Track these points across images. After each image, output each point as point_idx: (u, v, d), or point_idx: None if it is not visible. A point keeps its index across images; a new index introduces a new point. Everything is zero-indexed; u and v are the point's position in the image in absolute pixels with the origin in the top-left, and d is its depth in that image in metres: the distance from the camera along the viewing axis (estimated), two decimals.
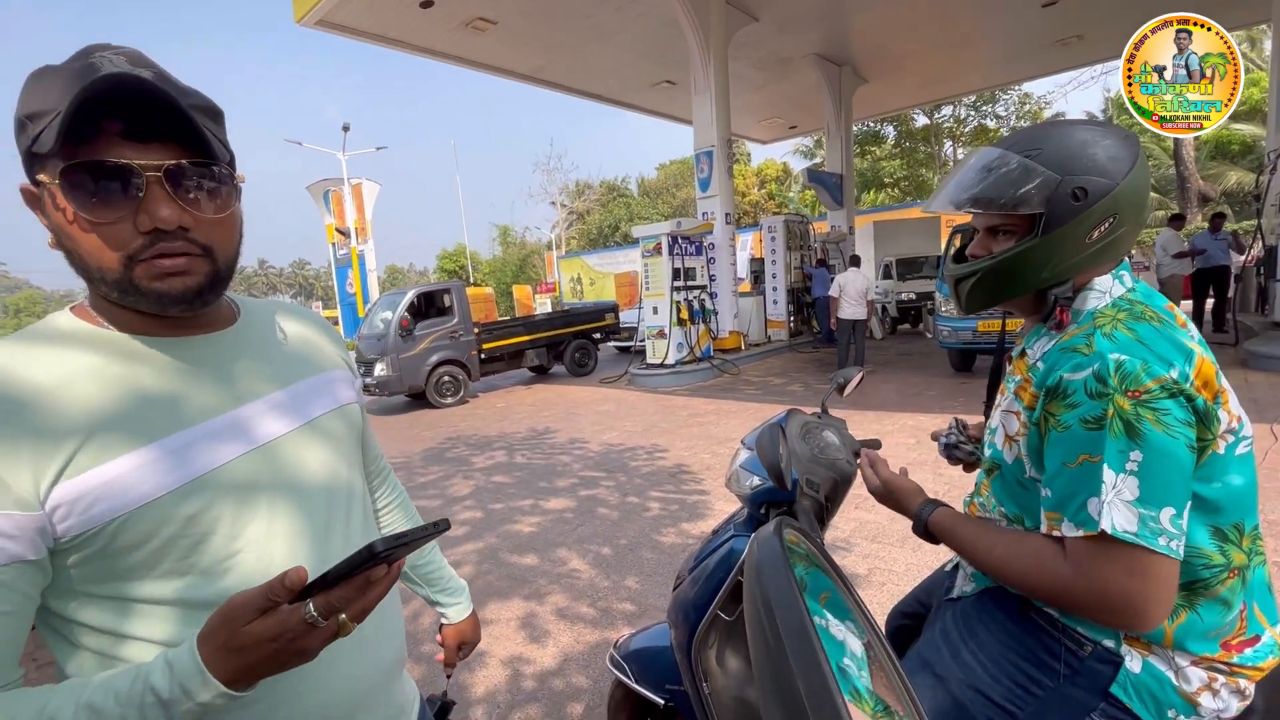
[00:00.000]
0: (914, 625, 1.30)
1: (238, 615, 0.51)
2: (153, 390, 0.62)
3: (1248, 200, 21.39)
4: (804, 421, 1.29)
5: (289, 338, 0.79)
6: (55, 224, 0.59)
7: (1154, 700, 0.87)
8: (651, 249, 10.07)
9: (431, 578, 1.06)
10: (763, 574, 0.54)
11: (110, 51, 0.60)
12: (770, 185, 35.77)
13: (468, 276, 35.27)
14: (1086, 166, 0.88)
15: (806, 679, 0.44)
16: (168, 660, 0.52)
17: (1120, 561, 0.79)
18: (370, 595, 0.53)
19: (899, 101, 18.75)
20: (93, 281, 0.61)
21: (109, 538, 0.57)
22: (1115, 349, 0.82)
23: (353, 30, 10.59)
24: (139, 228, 0.58)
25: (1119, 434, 0.79)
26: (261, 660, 0.51)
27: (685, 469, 5.09)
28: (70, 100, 0.53)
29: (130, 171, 0.57)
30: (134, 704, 0.51)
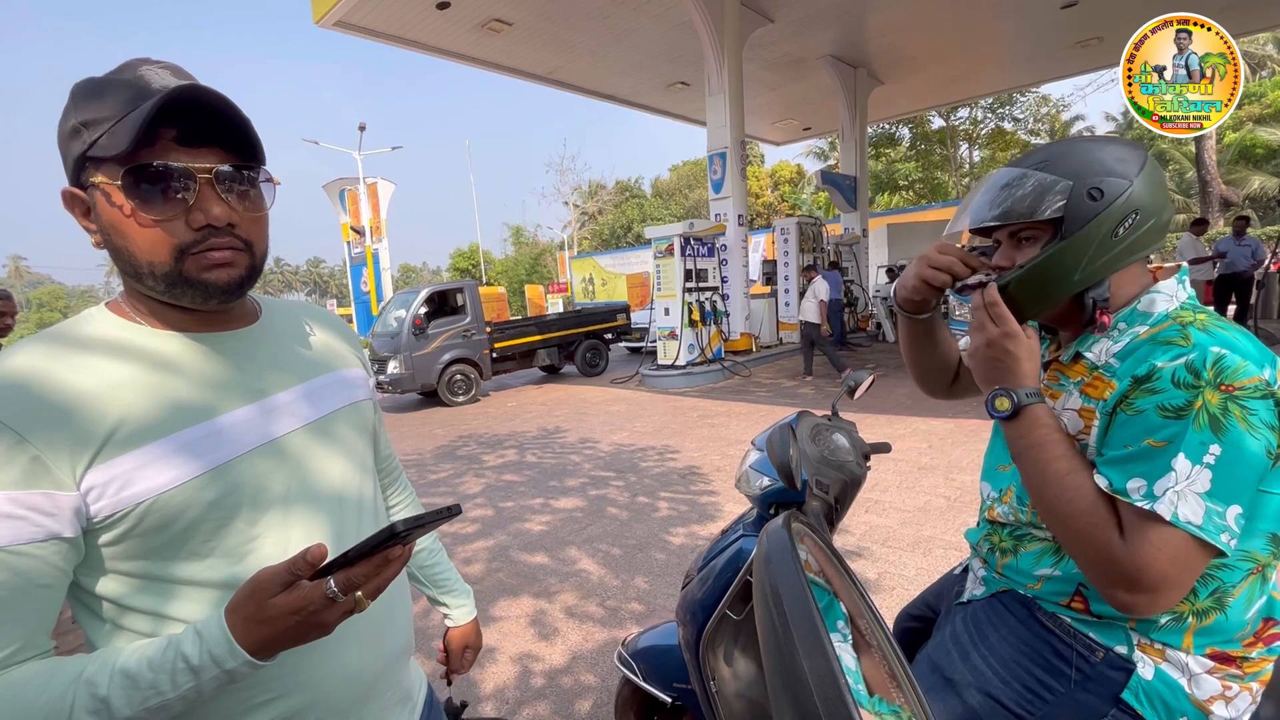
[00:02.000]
0: (922, 628, 1.29)
1: (264, 588, 0.55)
2: (180, 382, 0.67)
3: (1271, 205, 21.04)
4: (814, 424, 1.30)
5: (307, 336, 0.83)
6: (109, 222, 0.64)
7: (1166, 707, 0.87)
8: (664, 250, 10.08)
9: (439, 579, 1.08)
10: (771, 563, 0.55)
11: (155, 66, 0.66)
12: (784, 187, 35.64)
13: (480, 276, 35.48)
14: (1097, 170, 0.90)
15: (812, 662, 0.45)
16: (197, 630, 0.56)
17: (1170, 548, 0.78)
18: (385, 574, 0.57)
19: (914, 103, 18.61)
20: (140, 277, 0.65)
21: (137, 519, 0.61)
22: (1215, 343, 0.82)
23: (370, 31, 10.70)
24: (192, 224, 0.64)
25: (1203, 426, 0.78)
26: (284, 632, 0.55)
27: (695, 470, 5.09)
28: (146, 109, 0.60)
29: (187, 174, 0.63)
30: (166, 670, 0.55)
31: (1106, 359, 0.92)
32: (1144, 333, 0.90)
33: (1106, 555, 0.81)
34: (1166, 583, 0.78)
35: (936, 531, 3.48)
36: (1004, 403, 0.91)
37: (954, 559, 3.04)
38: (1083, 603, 0.94)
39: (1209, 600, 0.86)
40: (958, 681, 1.00)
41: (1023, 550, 1.02)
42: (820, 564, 0.85)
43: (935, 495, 4.06)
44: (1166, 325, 0.88)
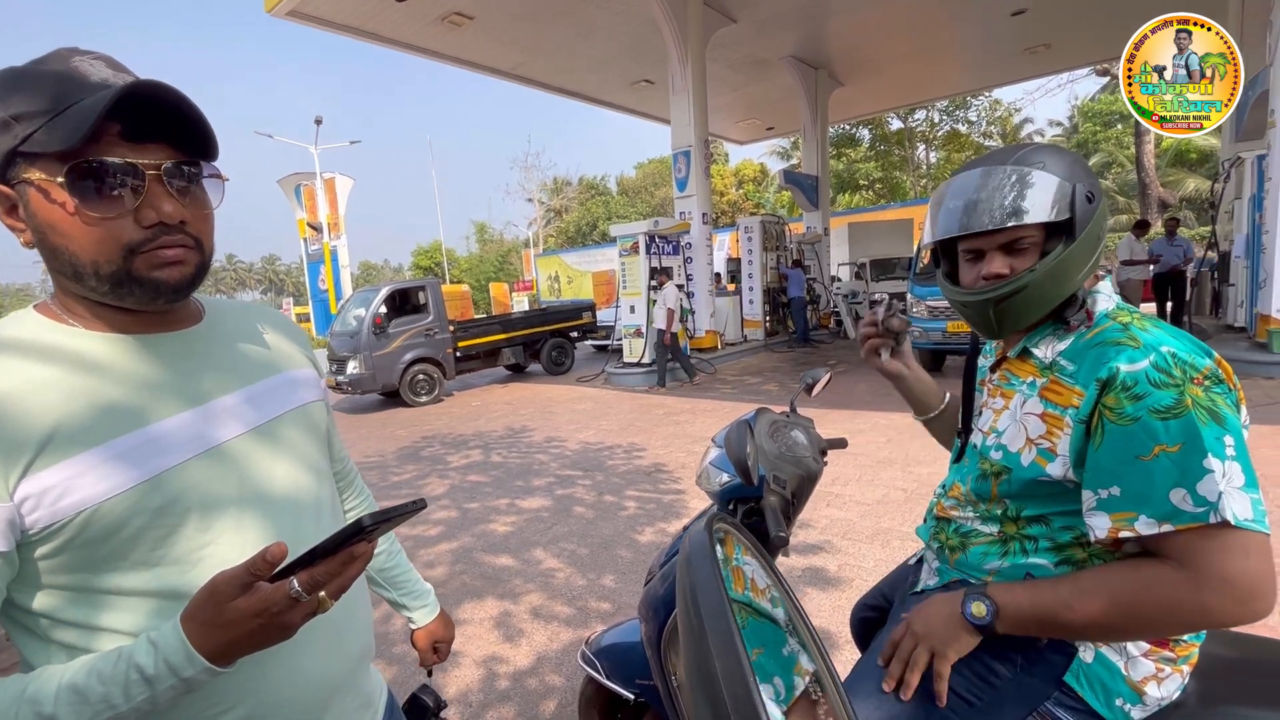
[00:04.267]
0: (878, 617, 1.33)
1: (222, 592, 0.53)
2: (118, 386, 0.64)
3: (1204, 206, 22.20)
4: (773, 420, 1.31)
5: (253, 337, 0.81)
6: (46, 221, 0.61)
7: (1104, 689, 0.91)
8: (629, 248, 10.08)
9: (397, 580, 1.06)
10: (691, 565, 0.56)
11: (88, 56, 0.63)
12: (748, 186, 36.03)
13: (443, 273, 34.88)
14: (1082, 175, 0.93)
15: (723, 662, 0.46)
16: (151, 639, 0.54)
17: (1235, 547, 0.78)
18: (349, 572, 0.55)
19: (874, 105, 19.03)
20: (81, 277, 0.62)
21: (77, 530, 0.58)
22: (1161, 341, 0.84)
23: (325, 22, 10.40)
24: (141, 222, 0.61)
25: (1208, 421, 0.79)
26: (245, 636, 0.53)
27: (662, 467, 5.11)
28: (99, 103, 0.57)
29: (135, 170, 0.61)
30: (118, 683, 0.53)
31: (1054, 357, 0.95)
32: (1089, 334, 0.93)
33: (1192, 597, 0.79)
34: (1258, 576, 0.77)
35: (894, 524, 3.57)
36: (979, 607, 0.91)
37: (910, 550, 3.12)
38: None
39: None
40: None
41: (970, 546, 1.05)
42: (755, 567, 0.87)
43: (894, 488, 4.17)
44: (1107, 325, 0.91)
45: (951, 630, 0.94)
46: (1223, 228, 9.86)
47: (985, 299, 0.96)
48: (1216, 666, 0.96)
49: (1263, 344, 6.73)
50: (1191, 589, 0.79)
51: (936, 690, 0.95)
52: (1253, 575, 0.77)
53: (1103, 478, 0.85)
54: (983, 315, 0.99)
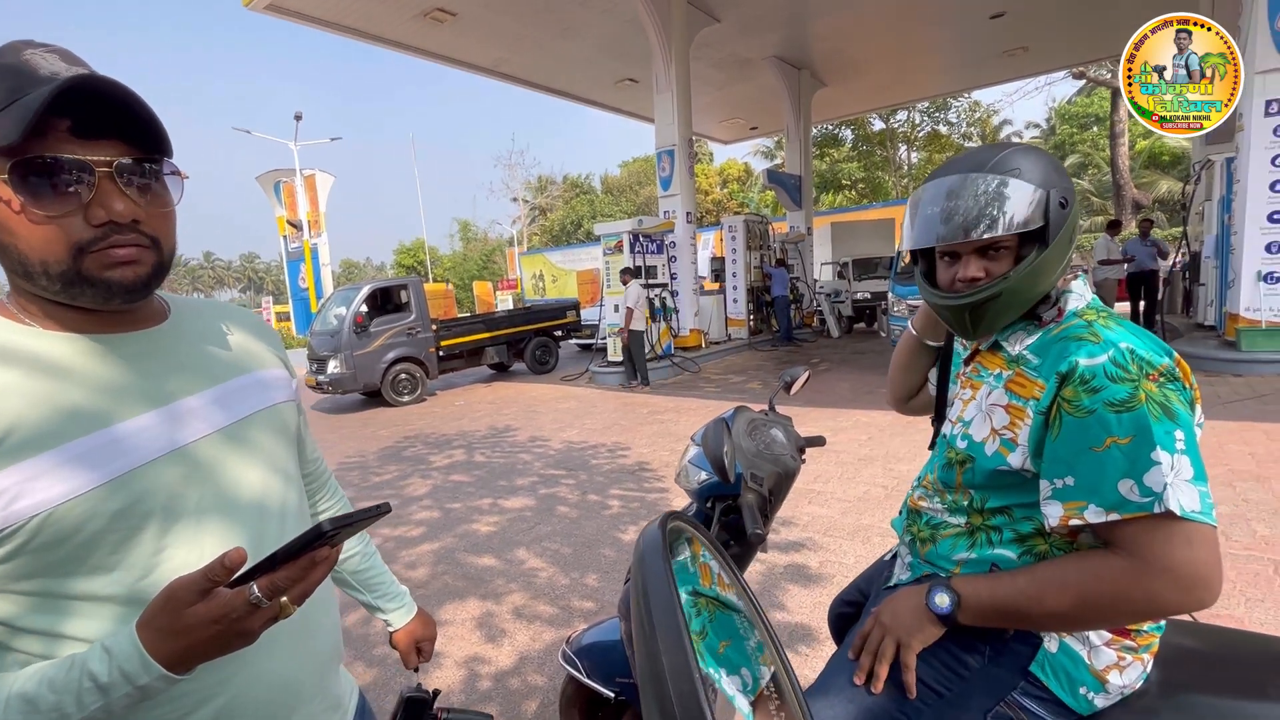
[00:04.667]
0: (855, 612, 1.35)
1: (179, 598, 0.51)
2: (76, 387, 0.62)
3: (1176, 207, 22.70)
4: (751, 418, 1.33)
5: (221, 336, 0.79)
6: None
7: (1068, 678, 0.93)
8: (613, 246, 10.08)
9: (371, 583, 1.04)
10: (644, 563, 0.57)
11: (41, 49, 0.61)
12: (732, 185, 36.17)
13: (426, 272, 34.59)
14: (1054, 180, 0.94)
15: (671, 659, 0.46)
16: (105, 646, 0.53)
17: (1178, 536, 0.80)
18: (312, 577, 0.54)
19: (856, 106, 19.20)
20: (31, 276, 0.61)
21: (31, 533, 0.57)
22: (1120, 338, 0.87)
23: (305, 16, 10.26)
24: (91, 220, 0.60)
25: (1160, 416, 0.81)
26: (203, 642, 0.52)
27: (646, 466, 5.12)
28: (38, 97, 0.56)
29: (84, 166, 0.59)
30: (70, 691, 0.51)
31: (1021, 350, 0.97)
32: (1056, 329, 0.95)
33: (1138, 584, 0.81)
34: (1203, 565, 0.80)
35: (875, 520, 3.61)
36: (942, 598, 0.95)
37: (890, 545, 3.16)
38: None
39: None
40: None
41: (940, 538, 1.07)
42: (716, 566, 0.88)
43: (874, 485, 4.22)
44: (1074, 322, 0.94)
45: (916, 621, 0.97)
46: (1193, 228, 10.09)
47: (961, 304, 0.98)
48: (1177, 655, 0.99)
49: (1231, 342, 6.90)
50: (1138, 577, 0.82)
51: (905, 681, 0.96)
52: (1197, 564, 0.80)
53: (1058, 468, 0.88)
54: (959, 318, 1.00)
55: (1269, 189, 6.49)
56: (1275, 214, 6.51)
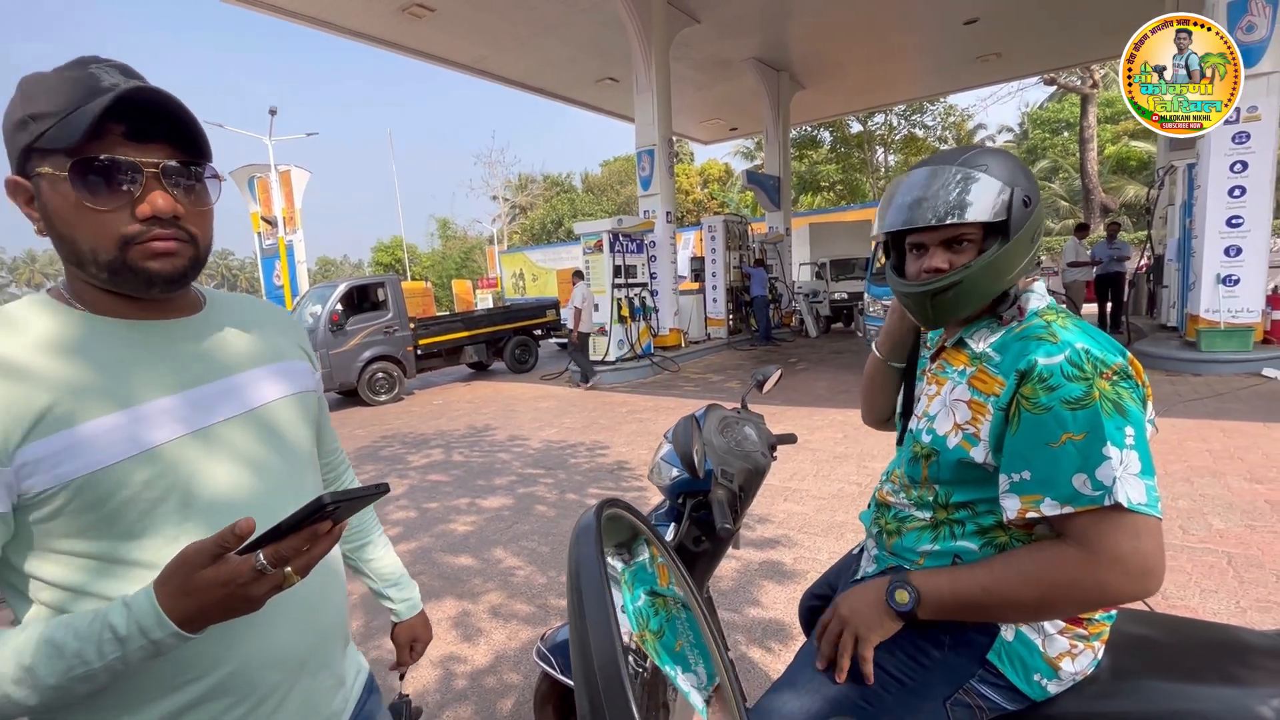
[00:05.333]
0: (823, 605, 1.37)
1: (192, 561, 0.56)
2: (117, 366, 0.68)
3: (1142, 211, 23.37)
4: (723, 416, 1.35)
5: (249, 327, 0.84)
6: (53, 210, 0.66)
7: (1023, 665, 0.96)
8: (593, 246, 10.07)
9: (383, 572, 1.09)
10: (577, 545, 0.58)
11: (105, 65, 0.69)
12: (713, 185, 36.33)
13: (404, 269, 34.19)
14: (1019, 179, 0.99)
15: (597, 641, 0.48)
16: (125, 602, 0.58)
17: (1125, 527, 0.84)
18: (314, 550, 0.58)
19: (834, 108, 19.43)
20: (83, 264, 0.68)
21: (69, 496, 0.62)
22: (1076, 339, 0.90)
23: (281, 10, 10.08)
24: (137, 215, 0.66)
25: (1111, 412, 0.85)
26: (212, 604, 0.56)
27: (625, 465, 5.13)
28: (98, 104, 0.63)
29: (134, 167, 0.66)
30: (92, 640, 0.56)
31: (985, 348, 1.01)
32: (1017, 329, 0.99)
33: (1088, 573, 0.85)
34: (1148, 555, 0.84)
35: (849, 517, 3.67)
36: (903, 595, 0.97)
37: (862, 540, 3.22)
38: None
39: None
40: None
41: (906, 530, 1.10)
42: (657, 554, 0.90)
43: (848, 483, 4.28)
44: (1034, 322, 0.98)
45: (875, 616, 0.99)
46: (1158, 232, 10.40)
47: (923, 291, 1.02)
48: (1128, 643, 1.03)
49: (1192, 342, 7.14)
50: (1088, 567, 0.85)
51: (863, 672, 0.98)
52: (1143, 554, 0.84)
53: (1016, 462, 0.91)
54: (921, 306, 1.04)
55: (1228, 195, 6.72)
56: (1234, 219, 6.75)
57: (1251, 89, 6.36)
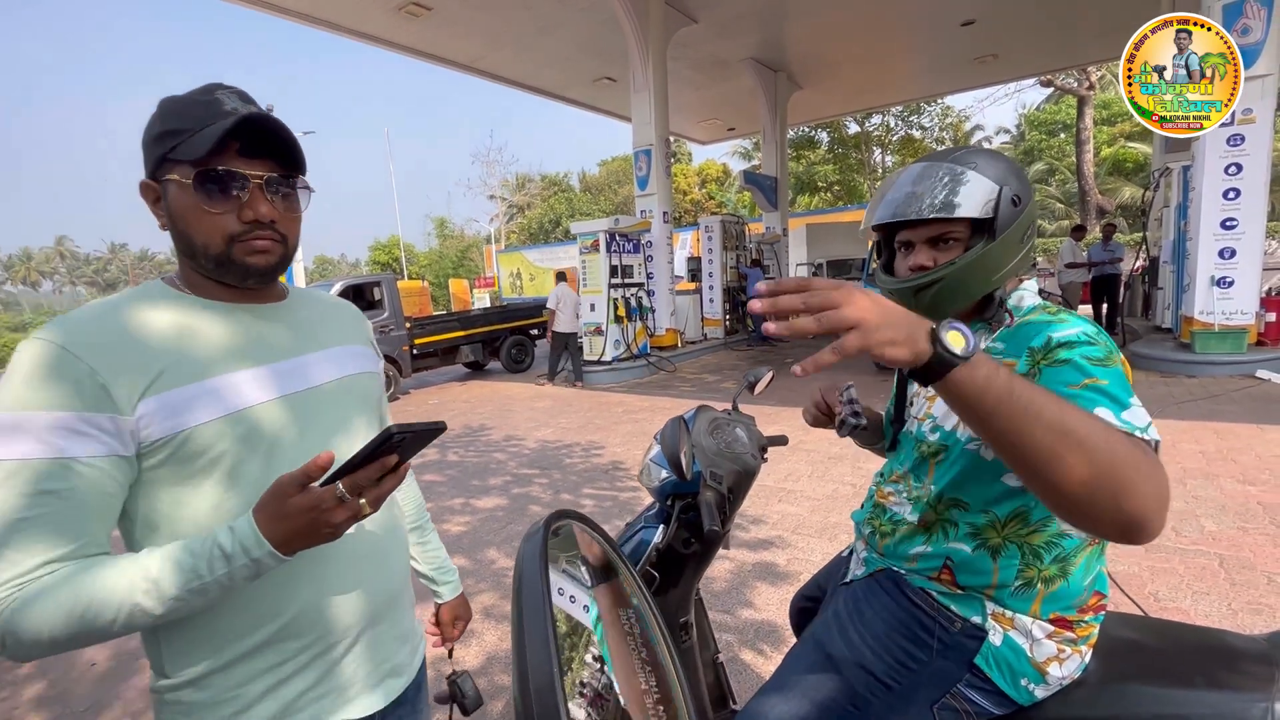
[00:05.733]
0: (814, 608, 1.37)
1: (284, 489, 0.66)
2: (218, 340, 0.81)
3: (1138, 213, 23.47)
4: (713, 418, 1.34)
5: (325, 316, 0.98)
6: (177, 210, 0.79)
7: (1010, 670, 0.96)
8: (589, 245, 10.06)
9: (430, 555, 1.21)
10: (522, 561, 0.58)
11: (228, 91, 0.82)
12: (710, 185, 36.33)
13: (401, 269, 34.12)
14: (1011, 180, 0.98)
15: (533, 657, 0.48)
16: (231, 526, 0.68)
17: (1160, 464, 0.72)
18: (385, 484, 0.68)
19: (831, 109, 19.44)
20: (195, 256, 0.81)
21: (176, 446, 0.74)
22: (1085, 322, 0.91)
23: (277, 8, 10.04)
24: (242, 219, 0.79)
25: (1128, 384, 0.82)
26: (300, 528, 0.66)
27: (620, 465, 5.13)
28: (221, 128, 0.75)
29: (244, 179, 0.79)
30: (204, 557, 0.67)
31: (986, 344, 1.01)
32: (1015, 321, 0.99)
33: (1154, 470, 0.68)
34: (1166, 504, 0.70)
35: (842, 518, 3.67)
36: (957, 338, 0.65)
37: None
38: (949, 574, 1.02)
39: (1054, 567, 0.96)
40: (836, 657, 1.07)
41: (900, 532, 1.10)
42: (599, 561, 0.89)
43: (843, 484, 4.28)
44: (1037, 314, 0.98)
45: (905, 329, 0.65)
46: (1153, 234, 10.43)
47: (906, 287, 1.02)
48: (1114, 647, 1.03)
49: (1186, 344, 7.16)
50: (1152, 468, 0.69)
51: (815, 360, 0.64)
52: (1167, 494, 0.70)
53: None
54: (905, 303, 1.03)
55: (1222, 197, 6.74)
56: (1228, 221, 6.77)
57: (1246, 91, 6.37)
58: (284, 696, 0.80)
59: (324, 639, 0.83)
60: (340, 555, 0.82)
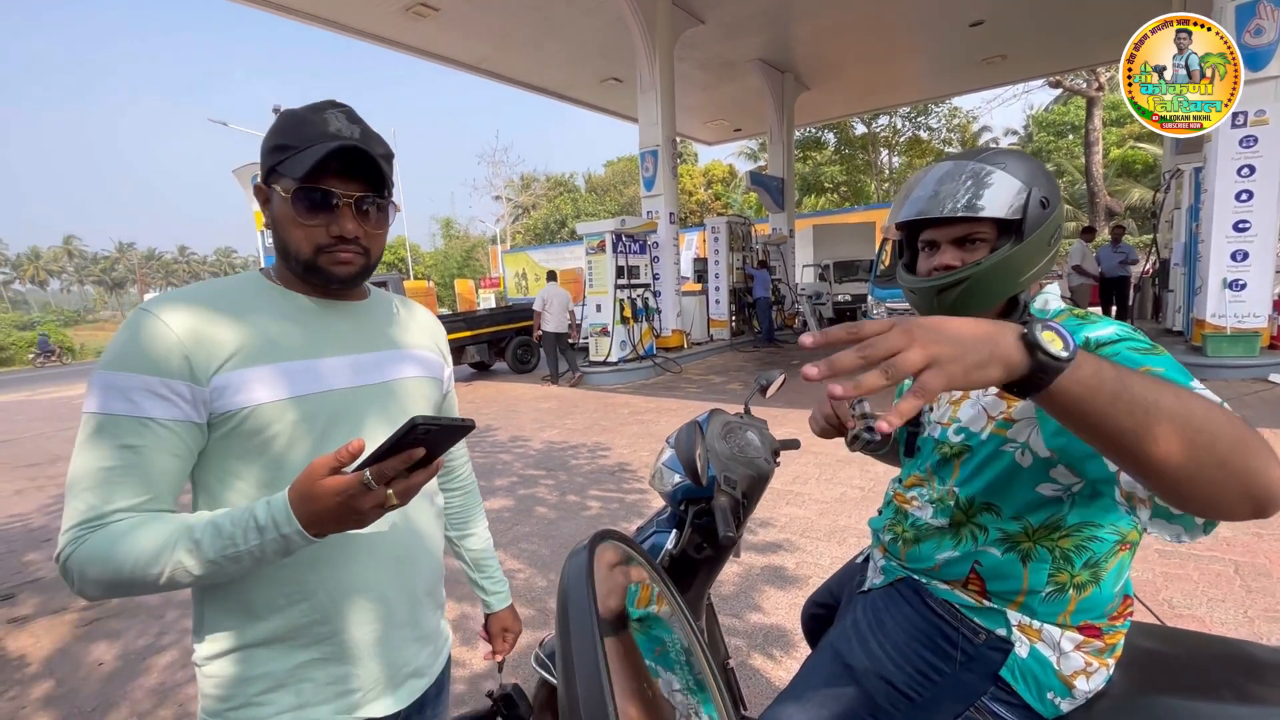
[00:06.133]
0: (826, 615, 1.35)
1: (317, 471, 0.68)
2: (295, 329, 0.87)
3: (1148, 214, 23.28)
4: (726, 421, 1.32)
5: (398, 320, 1.02)
6: (276, 217, 0.87)
7: (1036, 683, 0.94)
8: (595, 246, 10.05)
9: (483, 563, 1.23)
10: (567, 583, 0.57)
11: (338, 110, 0.87)
12: (717, 186, 36.29)
13: (407, 269, 34.22)
14: (1040, 181, 0.96)
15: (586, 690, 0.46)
16: (267, 500, 0.72)
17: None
18: (413, 478, 0.69)
19: (838, 110, 19.38)
20: (287, 257, 0.88)
21: (240, 420, 0.79)
22: (1116, 323, 0.88)
23: (284, 8, 10.08)
24: (330, 233, 0.86)
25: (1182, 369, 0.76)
26: (328, 510, 0.68)
27: (626, 467, 5.11)
28: (320, 152, 0.81)
29: (337, 198, 0.85)
30: (241, 525, 0.70)
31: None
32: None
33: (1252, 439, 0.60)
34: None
35: (851, 521, 3.64)
36: (1054, 338, 0.56)
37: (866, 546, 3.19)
38: (978, 581, 0.99)
39: (1085, 572, 0.93)
40: (856, 668, 1.05)
41: (924, 540, 1.07)
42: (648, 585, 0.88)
43: (851, 487, 4.25)
44: (1064, 317, 0.96)
45: (987, 345, 0.55)
46: (1163, 236, 10.35)
47: (930, 287, 1.00)
48: (1139, 658, 1.01)
49: (1198, 347, 7.09)
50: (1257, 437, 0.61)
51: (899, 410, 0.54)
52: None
53: None
54: (928, 304, 1.02)
55: (1235, 199, 6.68)
56: (1240, 223, 6.70)
57: (1259, 93, 6.33)
58: (305, 688, 0.84)
59: (344, 634, 0.86)
60: (365, 554, 0.86)
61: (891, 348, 0.53)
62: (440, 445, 0.68)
